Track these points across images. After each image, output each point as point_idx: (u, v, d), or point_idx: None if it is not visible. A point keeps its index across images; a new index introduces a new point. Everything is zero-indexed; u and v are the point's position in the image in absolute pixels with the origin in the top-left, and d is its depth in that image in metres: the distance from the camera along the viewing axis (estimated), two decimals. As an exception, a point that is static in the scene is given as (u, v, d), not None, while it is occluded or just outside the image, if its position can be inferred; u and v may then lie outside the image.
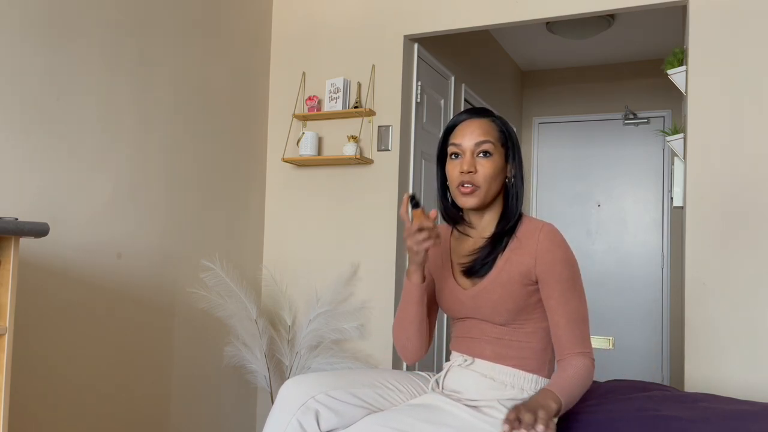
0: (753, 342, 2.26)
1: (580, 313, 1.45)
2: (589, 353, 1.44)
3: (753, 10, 2.33)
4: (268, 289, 3.18)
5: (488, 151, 1.48)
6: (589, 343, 1.46)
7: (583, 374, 1.41)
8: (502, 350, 1.49)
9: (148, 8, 2.52)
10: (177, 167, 2.67)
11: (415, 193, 1.31)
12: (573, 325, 1.43)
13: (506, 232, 1.50)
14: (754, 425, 1.39)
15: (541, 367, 1.51)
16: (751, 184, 2.30)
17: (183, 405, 2.71)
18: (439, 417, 1.37)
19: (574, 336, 1.43)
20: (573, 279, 1.45)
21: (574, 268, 1.46)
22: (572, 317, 1.43)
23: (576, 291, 1.45)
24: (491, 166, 1.48)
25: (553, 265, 1.44)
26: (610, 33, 4.41)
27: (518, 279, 1.46)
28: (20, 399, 2.03)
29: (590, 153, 5.10)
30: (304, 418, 1.38)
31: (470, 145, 1.49)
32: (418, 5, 2.95)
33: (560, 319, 1.44)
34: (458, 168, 1.50)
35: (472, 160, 1.48)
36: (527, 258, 1.46)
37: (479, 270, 1.50)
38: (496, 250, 1.49)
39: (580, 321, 1.44)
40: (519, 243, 1.48)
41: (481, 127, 1.50)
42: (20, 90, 2.03)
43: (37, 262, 2.08)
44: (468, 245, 1.57)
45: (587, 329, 1.46)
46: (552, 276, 1.44)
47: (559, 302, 1.43)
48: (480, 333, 1.52)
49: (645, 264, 4.83)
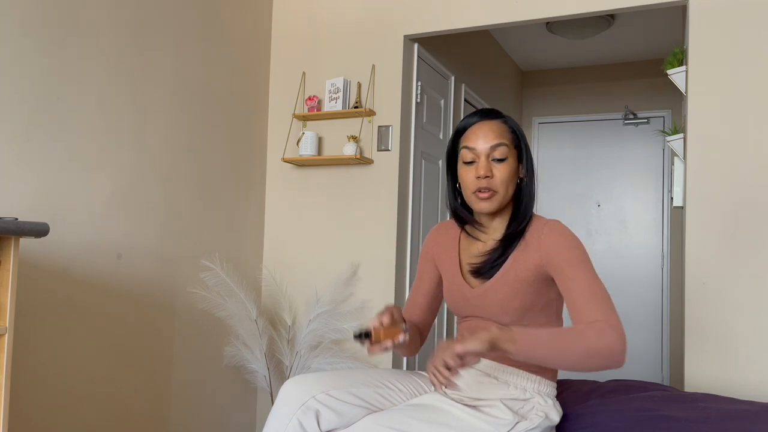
0: (753, 342, 2.26)
1: (597, 287, 1.36)
2: (610, 320, 1.29)
3: (753, 10, 2.33)
4: (268, 289, 3.18)
5: (503, 155, 1.45)
6: (612, 313, 1.31)
7: (587, 332, 1.27)
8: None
9: (148, 8, 2.52)
10: (177, 167, 2.67)
11: (354, 330, 1.29)
12: (591, 298, 1.34)
13: (518, 234, 1.49)
14: (754, 425, 1.39)
15: (544, 369, 1.50)
16: (752, 183, 2.30)
17: (183, 405, 2.71)
18: (438, 417, 1.37)
19: (594, 305, 1.33)
20: (585, 261, 1.40)
21: (583, 252, 1.42)
22: (589, 292, 1.35)
23: (588, 268, 1.39)
24: (507, 169, 1.46)
25: (561, 251, 1.41)
26: (610, 33, 4.41)
27: (526, 277, 1.45)
28: (20, 399, 2.03)
29: (590, 153, 5.10)
30: (304, 417, 1.38)
31: (485, 149, 1.46)
32: (418, 5, 2.95)
33: (576, 295, 1.36)
34: (473, 173, 1.47)
35: (488, 165, 1.45)
36: (533, 254, 1.45)
37: (487, 272, 1.49)
38: (507, 253, 1.48)
39: (598, 294, 1.35)
40: (525, 243, 1.48)
41: (494, 130, 1.47)
42: (20, 90, 2.03)
43: (37, 262, 2.08)
44: (479, 246, 1.56)
45: (606, 302, 1.33)
46: (561, 257, 1.40)
47: (572, 280, 1.38)
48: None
49: (645, 264, 4.83)
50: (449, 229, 1.66)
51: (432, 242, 1.68)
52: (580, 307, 1.34)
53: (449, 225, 1.67)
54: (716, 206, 2.34)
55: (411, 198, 3.06)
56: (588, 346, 1.26)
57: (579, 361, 1.27)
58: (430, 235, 1.71)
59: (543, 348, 1.26)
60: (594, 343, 1.26)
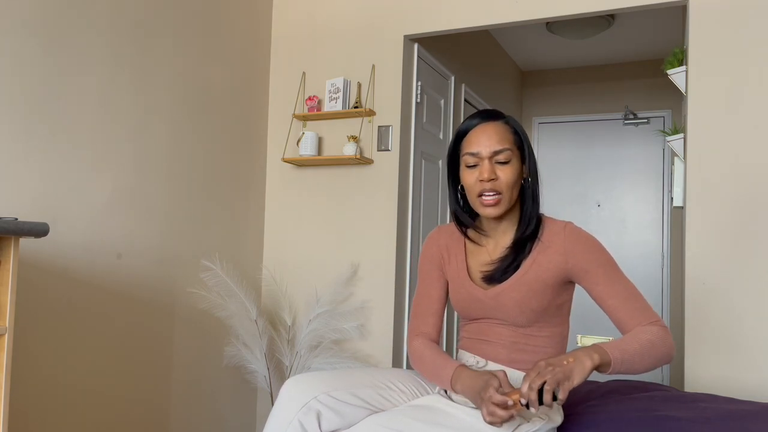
0: (753, 342, 2.26)
1: (632, 289, 1.40)
2: (657, 321, 1.37)
3: (753, 9, 2.33)
4: (268, 289, 3.18)
5: (507, 158, 1.43)
6: (654, 313, 1.38)
7: (652, 338, 1.33)
8: (517, 355, 1.48)
9: (148, 9, 2.51)
10: (177, 167, 2.67)
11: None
12: (630, 301, 1.38)
13: (529, 237, 1.47)
14: (754, 425, 1.39)
15: None
16: (752, 183, 2.30)
17: (183, 405, 2.71)
18: (439, 418, 1.36)
19: (635, 310, 1.38)
20: (611, 262, 1.42)
21: (608, 253, 1.44)
22: (626, 295, 1.39)
23: (619, 271, 1.42)
24: (511, 171, 1.43)
25: (588, 255, 1.41)
26: (610, 33, 4.41)
27: (546, 278, 1.43)
28: (20, 399, 2.03)
29: (590, 153, 5.10)
30: (305, 418, 1.37)
31: (488, 152, 1.43)
32: (418, 5, 2.95)
33: (614, 301, 1.39)
34: (476, 176, 1.44)
35: (492, 167, 1.43)
36: (556, 257, 1.43)
37: (501, 277, 1.47)
38: (520, 258, 1.46)
39: (635, 296, 1.39)
40: (544, 245, 1.45)
41: (497, 133, 1.44)
42: (20, 89, 2.03)
43: (37, 262, 2.08)
44: (488, 251, 1.53)
45: (645, 301, 1.40)
46: (591, 264, 1.41)
47: (607, 285, 1.39)
48: (496, 336, 1.49)
49: (645, 264, 4.83)
50: (452, 233, 1.62)
51: (435, 246, 1.63)
52: (621, 314, 1.38)
53: (451, 229, 1.63)
54: (716, 206, 2.34)
55: (411, 198, 3.06)
56: (655, 346, 1.33)
57: (654, 367, 1.34)
58: (431, 240, 1.65)
59: (634, 363, 1.30)
60: (662, 344, 1.34)
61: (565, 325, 1.52)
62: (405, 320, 3.01)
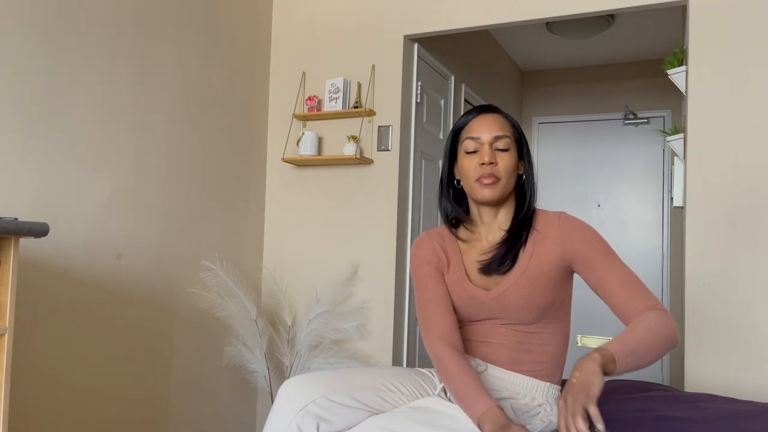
0: (753, 342, 2.26)
1: (629, 274, 1.38)
2: (656, 305, 1.34)
3: (753, 9, 2.33)
4: (268, 289, 3.18)
5: (506, 145, 1.46)
6: (652, 296, 1.35)
7: (651, 325, 1.29)
8: (520, 356, 1.47)
9: (148, 8, 2.51)
10: (177, 167, 2.67)
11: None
12: (628, 285, 1.36)
13: (524, 225, 1.48)
14: (754, 425, 1.39)
15: (554, 374, 1.49)
16: (752, 183, 2.30)
17: (183, 405, 2.71)
18: (439, 420, 1.35)
19: (633, 293, 1.35)
20: (608, 248, 1.42)
21: (603, 239, 1.44)
22: (623, 280, 1.37)
23: (616, 257, 1.41)
24: (510, 159, 1.46)
25: (585, 241, 1.42)
26: (610, 33, 4.41)
27: (549, 271, 1.43)
28: (20, 399, 2.03)
29: (590, 153, 5.10)
30: (303, 422, 1.35)
31: (489, 138, 1.46)
32: (418, 5, 2.95)
33: (612, 286, 1.37)
34: (476, 161, 1.46)
35: (492, 153, 1.45)
36: (554, 246, 1.44)
37: (498, 267, 1.46)
38: (517, 245, 1.46)
39: (633, 280, 1.37)
40: (541, 235, 1.46)
41: (497, 122, 1.48)
42: (20, 90, 2.03)
43: (37, 262, 2.08)
44: (482, 244, 1.53)
45: (643, 285, 1.37)
46: (588, 251, 1.41)
47: (604, 271, 1.39)
48: (498, 337, 1.48)
49: (645, 264, 4.83)
50: (442, 236, 1.59)
51: (429, 249, 1.57)
52: (627, 296, 1.35)
53: (439, 232, 1.60)
54: (716, 206, 2.34)
55: (411, 198, 3.06)
56: (666, 334, 1.29)
57: (661, 353, 1.29)
58: (422, 243, 1.59)
59: (639, 353, 1.25)
60: (665, 328, 1.29)
61: (568, 320, 1.52)
62: (405, 320, 3.01)
